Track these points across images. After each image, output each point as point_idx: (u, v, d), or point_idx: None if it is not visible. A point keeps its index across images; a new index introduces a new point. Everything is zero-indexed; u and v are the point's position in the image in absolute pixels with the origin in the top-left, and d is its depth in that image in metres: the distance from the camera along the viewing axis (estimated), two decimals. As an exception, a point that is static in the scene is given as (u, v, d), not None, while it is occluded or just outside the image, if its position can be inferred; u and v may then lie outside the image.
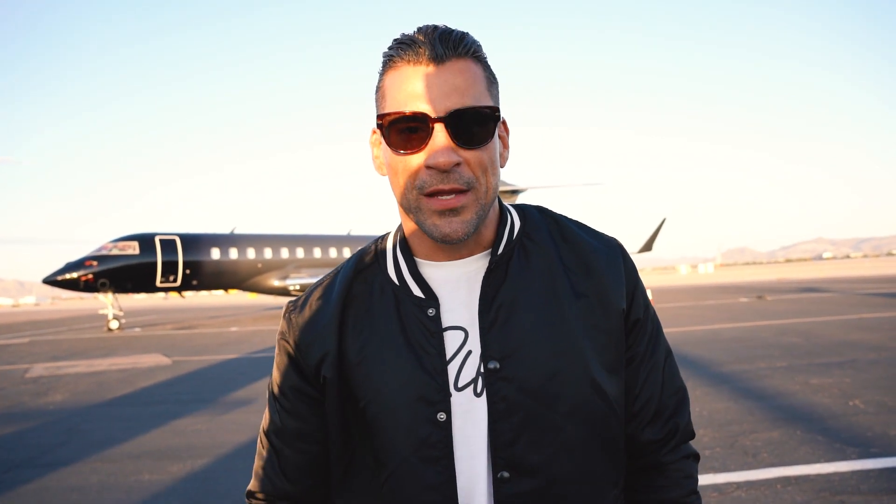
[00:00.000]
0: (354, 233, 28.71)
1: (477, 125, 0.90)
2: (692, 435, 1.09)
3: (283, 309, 1.10)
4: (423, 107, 0.89)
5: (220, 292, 26.95)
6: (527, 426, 0.94)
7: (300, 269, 25.19)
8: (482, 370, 0.95)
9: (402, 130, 0.91)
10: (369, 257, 1.07)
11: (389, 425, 0.96)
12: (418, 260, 1.02)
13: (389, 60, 0.93)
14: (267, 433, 1.09)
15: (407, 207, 0.94)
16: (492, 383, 0.94)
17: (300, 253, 25.37)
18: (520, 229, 1.04)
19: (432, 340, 0.97)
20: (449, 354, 0.97)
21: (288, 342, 1.06)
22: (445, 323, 0.98)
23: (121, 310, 22.07)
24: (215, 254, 23.12)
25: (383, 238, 1.09)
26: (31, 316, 40.42)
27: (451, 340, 0.97)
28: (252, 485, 1.10)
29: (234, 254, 23.61)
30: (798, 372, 7.42)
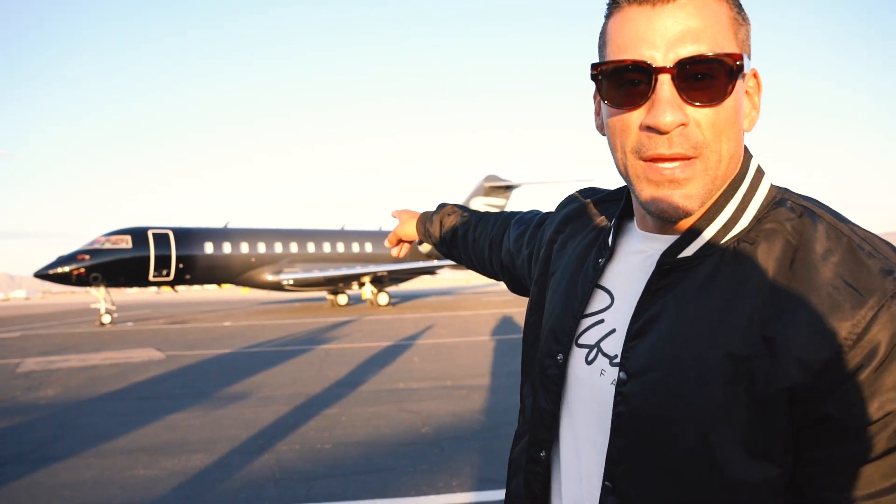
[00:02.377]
0: (349, 227, 28.65)
1: (713, 77, 0.73)
2: None
3: (576, 193, 1.16)
4: (647, 54, 0.74)
5: (214, 287, 26.87)
6: (628, 455, 0.80)
7: (294, 264, 25.12)
8: (604, 351, 0.87)
9: (619, 83, 0.76)
10: (619, 195, 1.04)
11: (542, 338, 1.00)
12: (635, 223, 0.92)
13: (614, 2, 0.79)
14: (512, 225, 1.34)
15: (623, 174, 0.81)
16: (618, 392, 0.82)
17: (294, 247, 25.29)
18: (744, 229, 0.79)
19: (585, 288, 0.93)
20: (590, 311, 0.93)
21: (555, 212, 1.15)
22: (603, 281, 0.92)
23: (113, 304, 21.96)
24: (208, 248, 23.01)
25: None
26: (21, 310, 40.19)
27: (598, 300, 0.92)
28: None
29: (227, 248, 23.51)
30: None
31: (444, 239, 1.55)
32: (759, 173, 0.83)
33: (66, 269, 20.52)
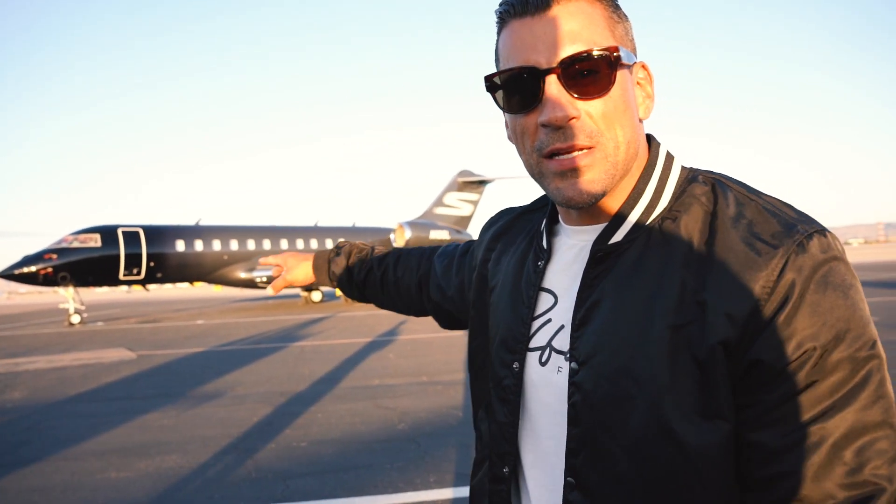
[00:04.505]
0: (321, 224, 28.45)
1: (595, 71, 0.79)
2: None
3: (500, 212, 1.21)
4: (532, 59, 0.79)
5: (186, 285, 26.53)
6: (587, 443, 0.82)
7: (267, 261, 24.86)
8: (555, 348, 0.90)
9: (513, 90, 0.82)
10: (545, 200, 1.08)
11: (491, 353, 1.00)
12: (561, 222, 0.98)
13: (500, 19, 0.84)
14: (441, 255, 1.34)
15: (531, 173, 0.86)
16: (571, 383, 0.84)
17: (267, 244, 25.05)
18: (664, 209, 0.85)
19: (530, 293, 0.95)
20: (537, 314, 0.95)
21: (480, 235, 1.18)
22: (545, 283, 0.95)
23: (82, 304, 21.58)
24: (180, 246, 22.70)
25: None
26: (-13, 311, 39.24)
27: (543, 301, 0.94)
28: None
29: (199, 246, 23.21)
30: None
31: (355, 281, 1.46)
32: (670, 157, 0.90)
33: (33, 268, 20.10)
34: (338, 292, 25.22)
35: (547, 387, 0.89)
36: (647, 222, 0.84)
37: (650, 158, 0.88)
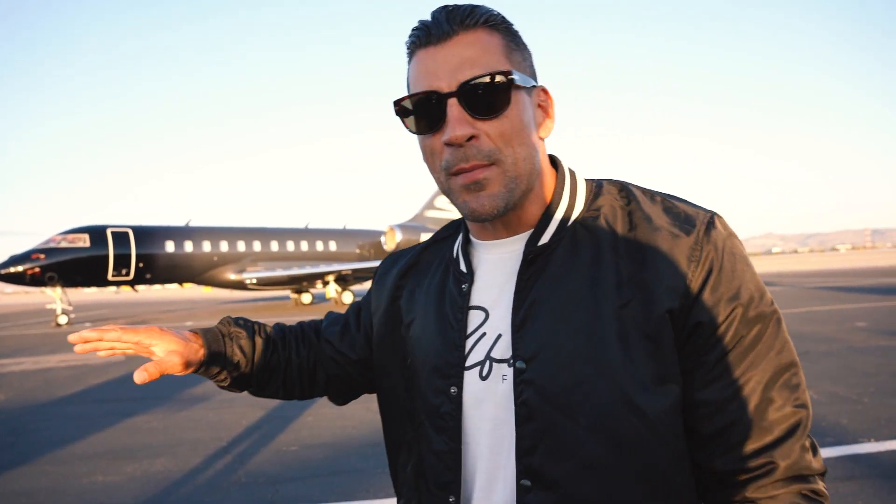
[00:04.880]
0: (312, 226, 28.37)
1: (491, 93, 0.86)
2: (811, 471, 0.85)
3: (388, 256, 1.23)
4: (434, 84, 0.87)
5: (175, 286, 26.36)
6: (546, 435, 0.87)
7: (257, 263, 24.78)
8: (494, 358, 0.93)
9: (419, 114, 0.90)
10: (450, 230, 1.13)
11: (418, 388, 1.01)
12: (473, 239, 1.04)
13: (409, 51, 0.92)
14: (343, 318, 1.25)
15: (442, 190, 0.94)
16: (518, 384, 0.89)
17: (257, 246, 24.95)
18: (580, 213, 0.95)
19: (458, 315, 0.98)
20: (469, 332, 0.98)
21: (375, 281, 1.19)
22: (472, 301, 0.99)
23: (70, 304, 21.38)
24: (169, 247, 22.55)
25: None
26: (-27, 311, 38.85)
27: (473, 319, 0.98)
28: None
29: (189, 247, 23.07)
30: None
31: (255, 368, 1.17)
32: (573, 171, 1.01)
33: (20, 268, 19.90)
34: (328, 293, 25.13)
35: (491, 399, 0.92)
36: (569, 223, 0.94)
37: (559, 173, 0.99)
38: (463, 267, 1.01)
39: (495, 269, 0.98)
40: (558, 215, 0.94)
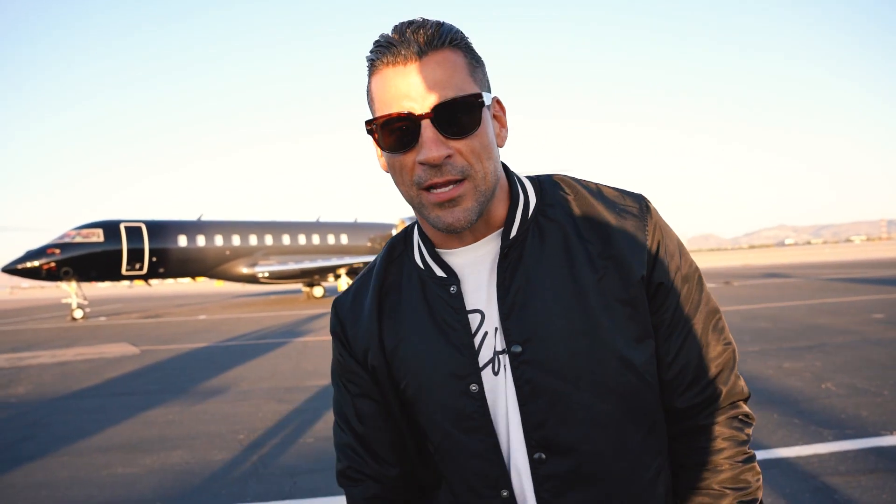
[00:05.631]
0: (323, 219, 28.42)
1: (463, 114, 0.91)
2: (742, 396, 1.06)
3: (332, 304, 1.17)
4: (408, 106, 0.90)
5: (187, 280, 26.54)
6: (554, 406, 0.96)
7: (269, 256, 24.90)
8: (499, 351, 0.99)
9: (392, 132, 0.92)
10: (399, 246, 1.13)
11: (429, 403, 1.02)
12: (438, 249, 1.06)
13: (372, 65, 0.94)
14: (346, 420, 1.12)
15: (411, 203, 0.97)
16: (516, 367, 0.97)
17: (269, 240, 25.06)
18: (535, 206, 1.04)
19: (457, 317, 1.00)
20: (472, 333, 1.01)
21: (339, 335, 1.13)
22: (466, 306, 1.02)
23: (85, 298, 21.57)
24: (182, 241, 22.72)
25: (411, 227, 1.14)
26: (-11, 305, 39.25)
27: (472, 322, 1.01)
28: (342, 464, 1.13)
29: (201, 241, 23.22)
30: (770, 356, 7.54)
31: None
32: (515, 172, 1.08)
33: (36, 263, 20.12)
34: (339, 286, 25.21)
35: (505, 391, 0.98)
36: (529, 216, 1.03)
37: (509, 175, 1.06)
38: (441, 272, 1.03)
39: (474, 272, 1.03)
40: (519, 211, 1.02)
